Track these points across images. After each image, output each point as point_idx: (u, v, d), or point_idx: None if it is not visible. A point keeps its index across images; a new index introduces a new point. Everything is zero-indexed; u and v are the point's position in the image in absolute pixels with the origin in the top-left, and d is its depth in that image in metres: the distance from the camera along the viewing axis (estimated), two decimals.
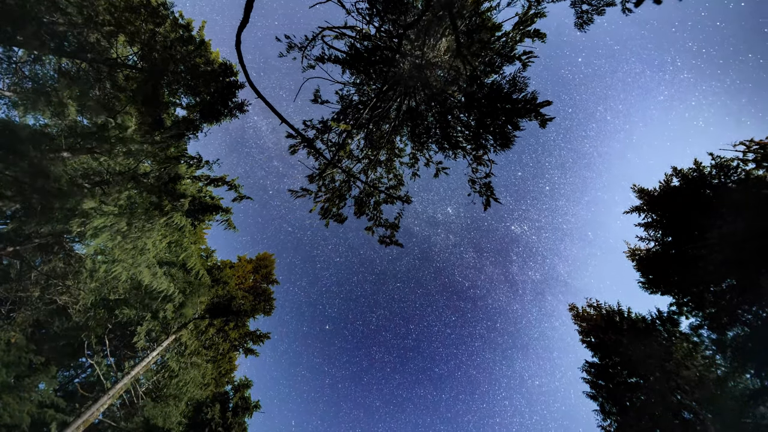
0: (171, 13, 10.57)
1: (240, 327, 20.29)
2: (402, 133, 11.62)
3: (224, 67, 11.95)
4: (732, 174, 12.37)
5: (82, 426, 12.25)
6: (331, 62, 10.31)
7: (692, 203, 13.07)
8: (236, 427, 18.01)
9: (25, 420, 11.19)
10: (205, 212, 16.48)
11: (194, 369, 17.24)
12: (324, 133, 11.01)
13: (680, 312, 14.17)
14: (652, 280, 15.15)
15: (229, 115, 12.59)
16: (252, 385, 19.98)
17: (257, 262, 23.00)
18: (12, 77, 10.52)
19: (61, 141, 9.87)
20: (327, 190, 11.07)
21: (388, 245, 11.25)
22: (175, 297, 15.41)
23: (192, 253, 16.06)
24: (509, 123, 8.84)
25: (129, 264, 12.74)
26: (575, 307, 18.26)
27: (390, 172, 11.97)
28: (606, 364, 15.54)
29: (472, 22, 8.65)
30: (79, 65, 10.55)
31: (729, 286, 12.09)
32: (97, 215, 10.69)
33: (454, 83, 9.84)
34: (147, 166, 12.57)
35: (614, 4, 7.97)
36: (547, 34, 8.58)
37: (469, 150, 10.22)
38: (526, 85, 8.55)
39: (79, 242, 13.69)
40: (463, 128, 10.26)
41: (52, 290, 13.18)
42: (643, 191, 15.02)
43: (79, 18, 9.22)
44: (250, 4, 3.13)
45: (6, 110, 10.57)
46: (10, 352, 11.70)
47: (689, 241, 13.20)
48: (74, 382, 16.33)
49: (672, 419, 12.45)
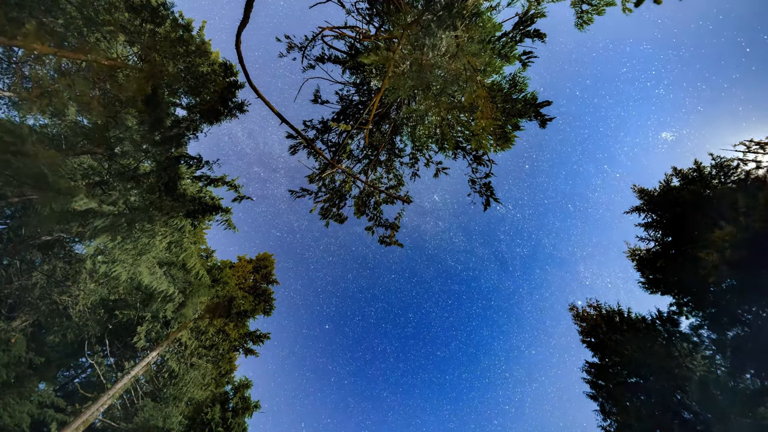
0: (171, 13, 10.57)
1: (240, 327, 20.28)
2: (402, 133, 11.62)
3: (224, 67, 11.95)
4: (732, 174, 12.37)
5: (82, 426, 12.25)
6: (331, 62, 10.32)
7: (692, 203, 13.07)
8: (236, 427, 18.01)
9: (25, 420, 11.19)
10: (205, 212, 16.48)
11: (194, 369, 17.23)
12: (324, 133, 11.01)
13: (680, 312, 14.16)
14: (652, 280, 15.15)
15: (229, 115, 12.59)
16: (252, 385, 19.98)
17: (257, 262, 22.99)
18: (12, 77, 10.52)
19: (61, 141, 9.87)
20: (327, 191, 11.07)
21: (389, 245, 11.25)
22: (175, 297, 15.41)
23: (192, 253, 16.06)
24: (509, 123, 8.84)
25: (129, 264, 12.74)
26: (575, 307, 18.25)
27: (390, 172, 11.97)
28: (606, 364, 15.54)
29: (472, 22, 8.65)
30: (79, 65, 10.56)
31: (729, 286, 12.09)
32: (97, 215, 10.69)
33: (454, 83, 9.84)
34: (147, 166, 12.57)
35: (614, 4, 7.97)
36: (546, 35, 8.58)
37: (468, 150, 10.23)
38: (526, 85, 8.55)
39: (79, 242, 13.69)
40: (463, 128, 10.26)
41: (52, 290, 13.18)
42: (643, 191, 15.02)
43: (79, 18, 9.23)
44: (250, 4, 3.13)
45: (6, 110, 10.58)
46: (10, 352, 11.69)
47: (689, 241, 13.19)
48: (74, 382, 16.33)
49: (672, 419, 12.45)
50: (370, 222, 11.45)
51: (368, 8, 9.26)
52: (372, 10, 9.25)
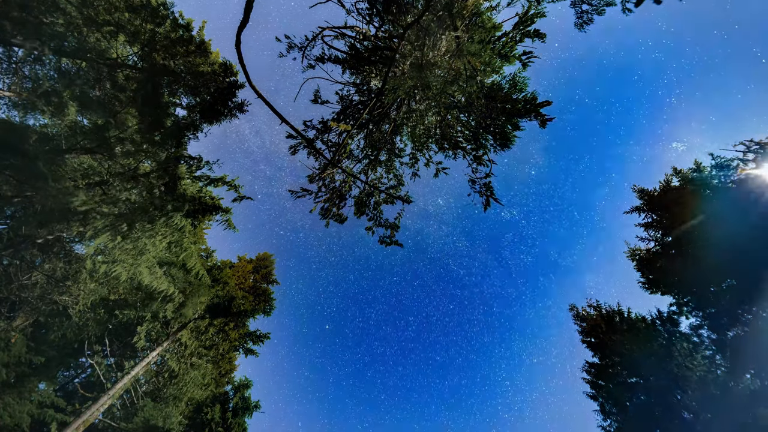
0: (171, 13, 10.57)
1: (240, 327, 20.28)
2: (402, 133, 11.62)
3: (224, 67, 11.95)
4: (732, 174, 12.37)
5: (82, 426, 12.25)
6: (331, 62, 10.32)
7: (692, 203, 13.07)
8: (236, 427, 18.01)
9: (25, 420, 11.19)
10: (205, 212, 16.47)
11: (194, 369, 17.23)
12: (324, 133, 11.01)
13: (680, 312, 14.16)
14: (652, 280, 15.14)
15: (229, 115, 12.59)
16: (252, 385, 19.98)
17: (257, 262, 22.99)
18: (12, 77, 10.52)
19: (61, 141, 9.87)
20: (327, 191, 11.07)
21: (389, 245, 11.25)
22: (175, 297, 15.40)
23: (192, 253, 16.05)
24: (509, 123, 8.84)
25: (129, 264, 12.74)
26: (575, 307, 18.25)
27: (390, 172, 11.97)
28: (606, 364, 15.53)
29: (472, 22, 8.65)
30: (79, 65, 10.55)
31: (729, 286, 12.09)
32: (97, 215, 10.69)
33: (454, 83, 9.84)
34: (147, 166, 12.57)
35: (614, 4, 7.98)
36: (546, 35, 8.58)
37: (469, 150, 10.22)
38: (526, 85, 8.56)
39: (79, 242, 13.69)
40: (463, 128, 10.26)
41: (52, 290, 13.18)
42: (644, 191, 15.02)
43: (79, 18, 9.22)
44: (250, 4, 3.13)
45: (6, 110, 10.57)
46: (10, 352, 11.69)
47: (689, 241, 13.19)
48: (74, 382, 16.33)
49: (672, 419, 12.45)
50: (370, 222, 11.45)
51: (368, 8, 9.26)
52: (372, 10, 9.25)
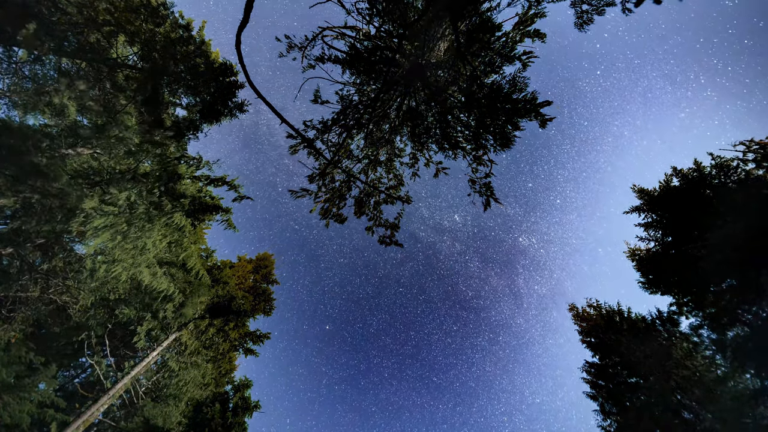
0: (171, 13, 10.57)
1: (240, 327, 20.28)
2: (402, 133, 11.62)
3: (224, 67, 11.95)
4: (732, 174, 12.37)
5: (82, 426, 12.25)
6: (331, 62, 10.31)
7: (692, 203, 13.07)
8: (236, 427, 18.01)
9: (25, 420, 11.19)
10: (205, 212, 16.47)
11: (194, 369, 17.23)
12: (324, 133, 11.01)
13: (680, 312, 14.16)
14: (652, 280, 15.15)
15: (229, 115, 12.59)
16: (252, 385, 19.99)
17: (257, 262, 23.00)
18: (12, 77, 10.52)
19: (61, 141, 9.87)
20: (327, 190, 11.06)
21: (388, 245, 11.24)
22: (175, 297, 15.41)
23: (192, 253, 16.05)
24: (509, 123, 8.84)
25: (129, 264, 12.74)
26: (575, 307, 18.25)
27: (390, 172, 11.97)
28: (606, 364, 15.54)
29: (472, 22, 8.65)
30: (79, 65, 10.55)
31: (729, 286, 12.09)
32: (97, 215, 10.69)
33: (454, 83, 9.84)
34: (147, 166, 12.57)
35: (614, 4, 7.97)
36: (546, 35, 8.58)
37: (469, 150, 10.22)
38: (526, 85, 8.55)
39: (79, 242, 13.69)
40: (463, 128, 10.26)
41: (52, 290, 13.17)
42: (643, 191, 15.02)
43: (79, 18, 9.22)
44: (250, 4, 3.13)
45: (6, 110, 10.57)
46: (10, 352, 11.69)
47: (689, 241, 13.19)
48: (74, 382, 16.33)
49: (672, 419, 12.45)
50: (370, 222, 11.45)
51: (368, 8, 9.26)
52: (372, 10, 9.25)
